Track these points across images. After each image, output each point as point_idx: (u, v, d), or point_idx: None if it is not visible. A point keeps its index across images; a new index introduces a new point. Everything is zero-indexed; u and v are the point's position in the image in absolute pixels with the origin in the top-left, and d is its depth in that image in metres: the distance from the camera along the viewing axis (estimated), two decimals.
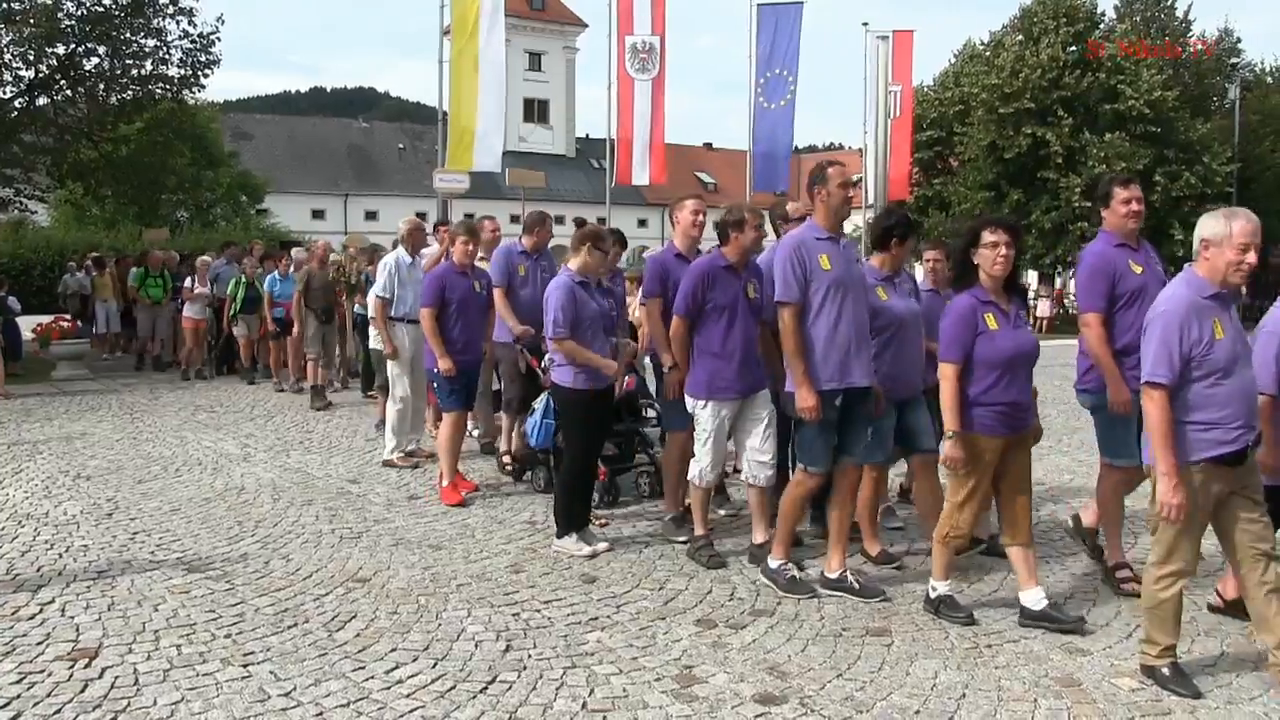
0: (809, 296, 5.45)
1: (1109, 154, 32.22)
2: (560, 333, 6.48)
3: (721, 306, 6.18)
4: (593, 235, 6.80)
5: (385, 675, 4.58)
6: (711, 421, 6.22)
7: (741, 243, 6.28)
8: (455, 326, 8.03)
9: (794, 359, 5.45)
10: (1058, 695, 4.38)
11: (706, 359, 6.22)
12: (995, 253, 5.12)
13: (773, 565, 5.73)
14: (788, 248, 5.51)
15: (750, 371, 6.25)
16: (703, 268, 6.28)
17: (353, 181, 61.87)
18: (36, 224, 36.28)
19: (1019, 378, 5.14)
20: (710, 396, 6.20)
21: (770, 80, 20.64)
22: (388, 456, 9.28)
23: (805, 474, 5.63)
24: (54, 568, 6.19)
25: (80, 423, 11.74)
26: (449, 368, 7.88)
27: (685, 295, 6.25)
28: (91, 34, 21.90)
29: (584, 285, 6.65)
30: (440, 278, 8.07)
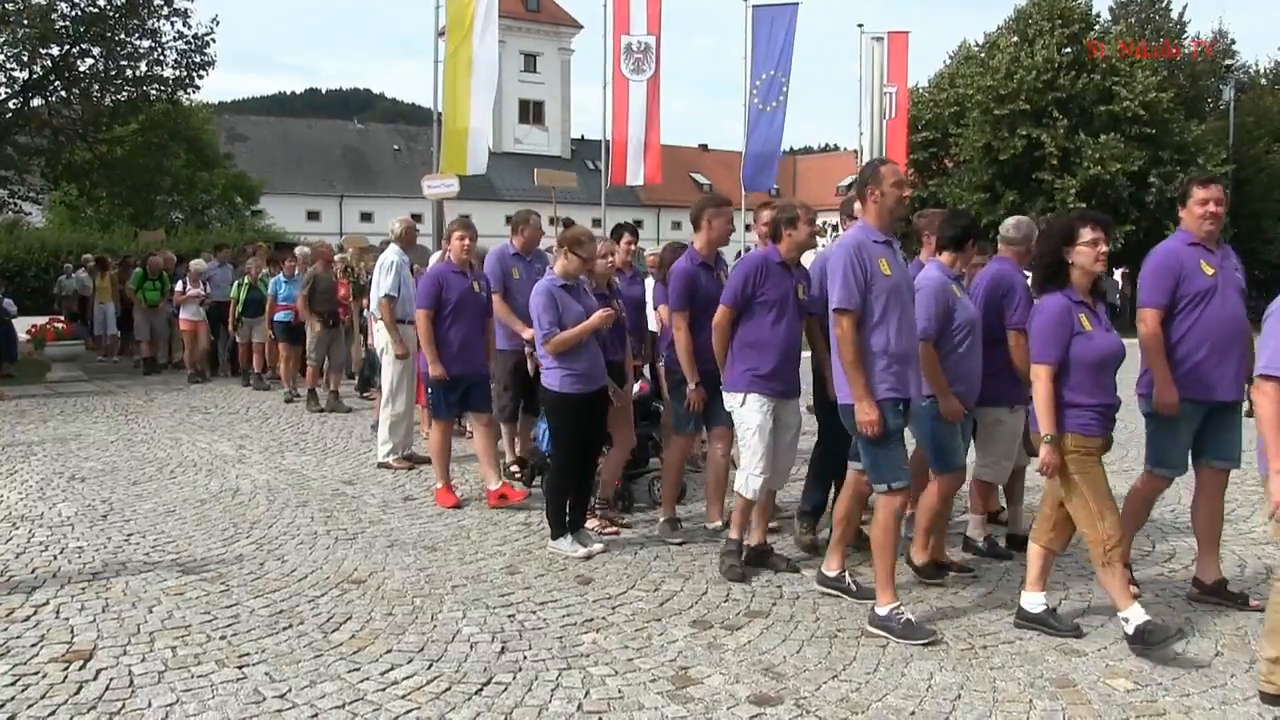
0: (868, 303, 5.14)
1: (1104, 155, 32.24)
2: (549, 333, 6.44)
3: (771, 302, 5.96)
4: (571, 240, 6.67)
5: (380, 677, 4.57)
6: (756, 416, 5.93)
7: (795, 239, 6.03)
8: (452, 330, 7.69)
9: (854, 370, 5.10)
10: (1053, 696, 4.39)
11: (749, 353, 5.98)
12: (1095, 250, 4.97)
13: (881, 613, 5.12)
14: (848, 250, 5.16)
15: (789, 373, 6.05)
16: (755, 261, 6.07)
17: (348, 183, 61.87)
18: (31, 225, 36.21)
19: (1111, 379, 5.02)
20: (750, 390, 5.95)
21: (765, 82, 20.64)
22: (383, 459, 9.23)
23: (890, 493, 5.18)
24: (48, 569, 6.17)
25: (75, 424, 11.72)
26: (440, 374, 7.63)
27: (735, 286, 6.02)
28: (86, 35, 21.84)
29: (567, 289, 6.57)
30: (437, 278, 7.76)
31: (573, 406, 6.54)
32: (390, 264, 9.35)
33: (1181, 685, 4.51)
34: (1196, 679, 4.58)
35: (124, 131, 24.15)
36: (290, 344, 13.84)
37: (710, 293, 6.54)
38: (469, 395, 7.84)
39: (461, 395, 7.81)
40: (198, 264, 16.35)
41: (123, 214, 30.00)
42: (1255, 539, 6.93)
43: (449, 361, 7.67)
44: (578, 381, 6.51)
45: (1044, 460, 4.90)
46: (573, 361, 6.50)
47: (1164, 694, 4.41)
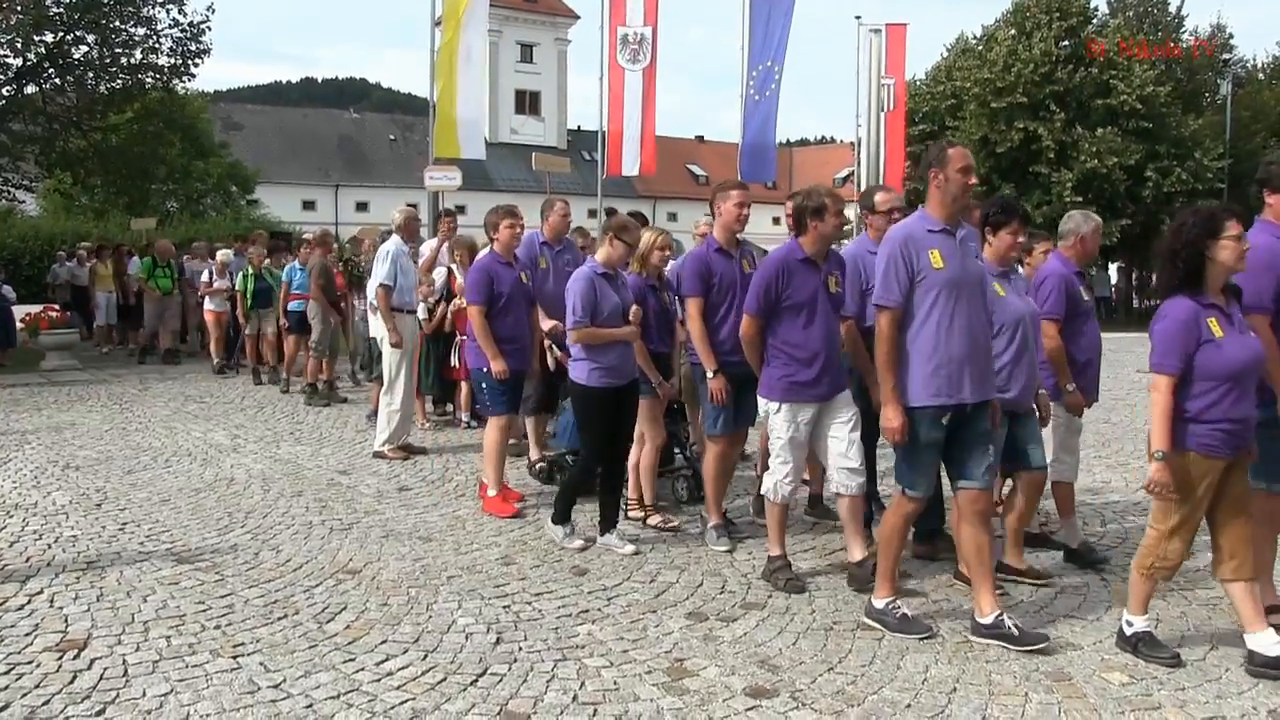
0: (915, 299, 4.79)
1: (1101, 149, 32.24)
2: (579, 321, 6.26)
3: (799, 304, 5.57)
4: (618, 226, 6.51)
5: (375, 667, 4.56)
6: (787, 428, 5.62)
7: (821, 232, 5.61)
8: (505, 323, 7.31)
9: (885, 371, 4.83)
10: (1049, 690, 4.38)
11: (782, 359, 5.63)
12: (1239, 246, 4.54)
13: (878, 605, 5.05)
14: (894, 242, 4.83)
15: (831, 374, 5.67)
16: (777, 261, 5.64)
17: (343, 172, 61.73)
18: (25, 213, 36.11)
19: (1247, 390, 4.53)
20: (785, 399, 5.60)
21: (762, 72, 20.60)
22: (379, 448, 9.20)
23: (904, 498, 5.02)
24: (42, 558, 6.16)
25: (69, 413, 11.70)
26: (502, 370, 7.18)
27: (757, 291, 5.64)
28: (80, 22, 21.79)
29: (606, 277, 6.40)
30: (487, 270, 7.31)
31: (598, 400, 6.38)
32: (386, 253, 9.30)
33: (1177, 679, 4.51)
34: (1191, 672, 4.58)
35: (119, 119, 24.09)
36: (301, 335, 13.27)
37: (728, 279, 6.37)
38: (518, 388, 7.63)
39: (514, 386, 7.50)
40: (225, 254, 15.87)
41: (117, 203, 29.89)
42: None
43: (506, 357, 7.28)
44: (605, 375, 6.34)
45: (1152, 479, 4.48)
46: (601, 354, 6.34)
47: (1159, 688, 4.42)
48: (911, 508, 5.05)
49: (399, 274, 9.24)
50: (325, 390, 12.67)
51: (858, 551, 5.65)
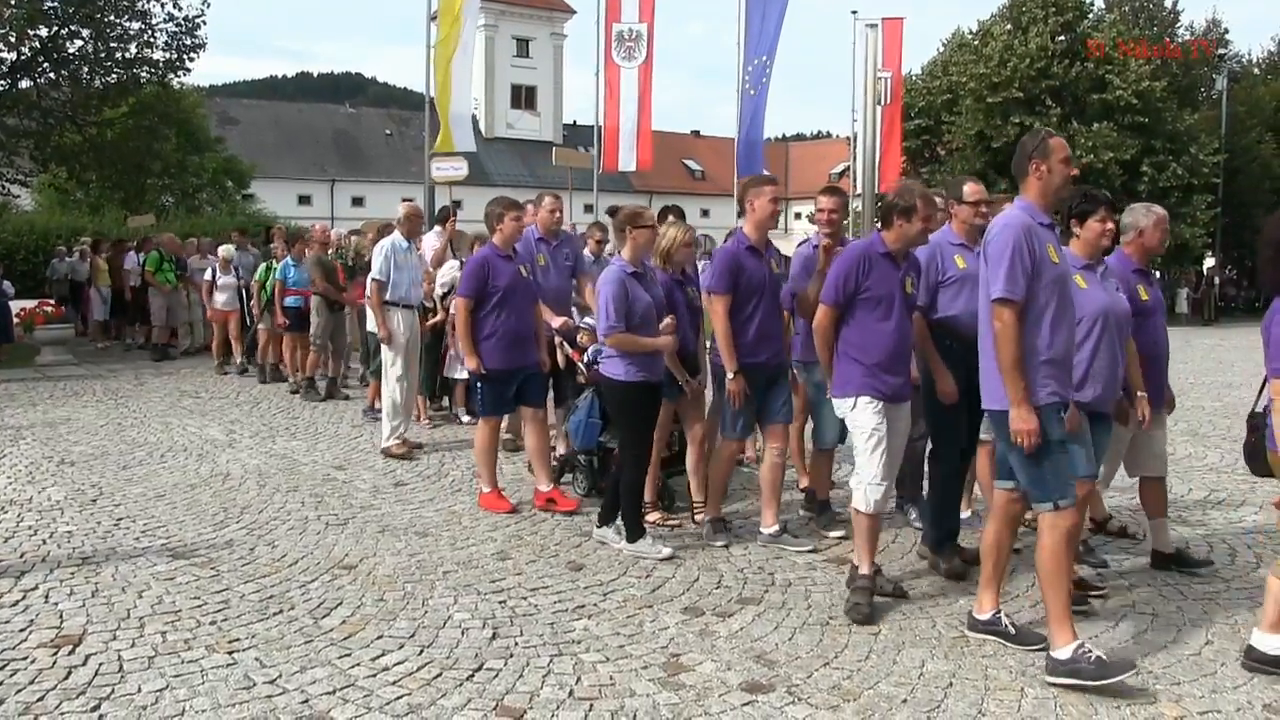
0: (1034, 294, 4.47)
1: (1097, 144, 32.28)
2: (614, 327, 6.10)
3: (877, 297, 5.35)
4: (631, 216, 6.36)
5: (371, 662, 4.56)
6: (872, 418, 5.31)
7: (906, 233, 5.37)
8: (502, 318, 7.11)
9: (1014, 371, 4.40)
10: (1044, 684, 4.38)
11: (855, 354, 5.38)
12: None
13: (1063, 656, 4.38)
14: (1017, 231, 4.46)
15: (901, 375, 5.45)
16: (858, 252, 5.42)
17: (339, 167, 61.62)
18: (20, 208, 36.03)
19: None
20: (861, 391, 5.34)
21: (756, 67, 20.61)
22: (385, 444, 9.12)
23: (1056, 513, 4.47)
24: (38, 554, 6.15)
25: (64, 408, 11.68)
26: (475, 367, 7.15)
27: (836, 281, 5.39)
28: (75, 16, 21.76)
29: (636, 276, 6.26)
30: (483, 263, 7.14)
31: (638, 395, 6.23)
32: (382, 249, 9.30)
33: (1172, 673, 4.52)
34: (1187, 667, 4.59)
35: (114, 114, 24.07)
36: (299, 331, 13.00)
37: (756, 278, 6.23)
38: (523, 389, 7.31)
39: (516, 390, 7.28)
40: (227, 249, 15.36)
41: (113, 197, 29.86)
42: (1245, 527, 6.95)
43: (499, 354, 7.12)
44: (641, 370, 6.19)
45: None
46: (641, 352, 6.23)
47: (1154, 682, 4.42)
48: (1069, 522, 4.52)
49: (393, 270, 9.18)
50: (326, 386, 12.54)
51: (867, 565, 5.33)
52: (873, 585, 5.30)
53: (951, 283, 5.78)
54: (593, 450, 7.51)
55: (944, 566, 5.83)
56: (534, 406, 7.33)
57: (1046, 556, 4.51)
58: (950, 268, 5.82)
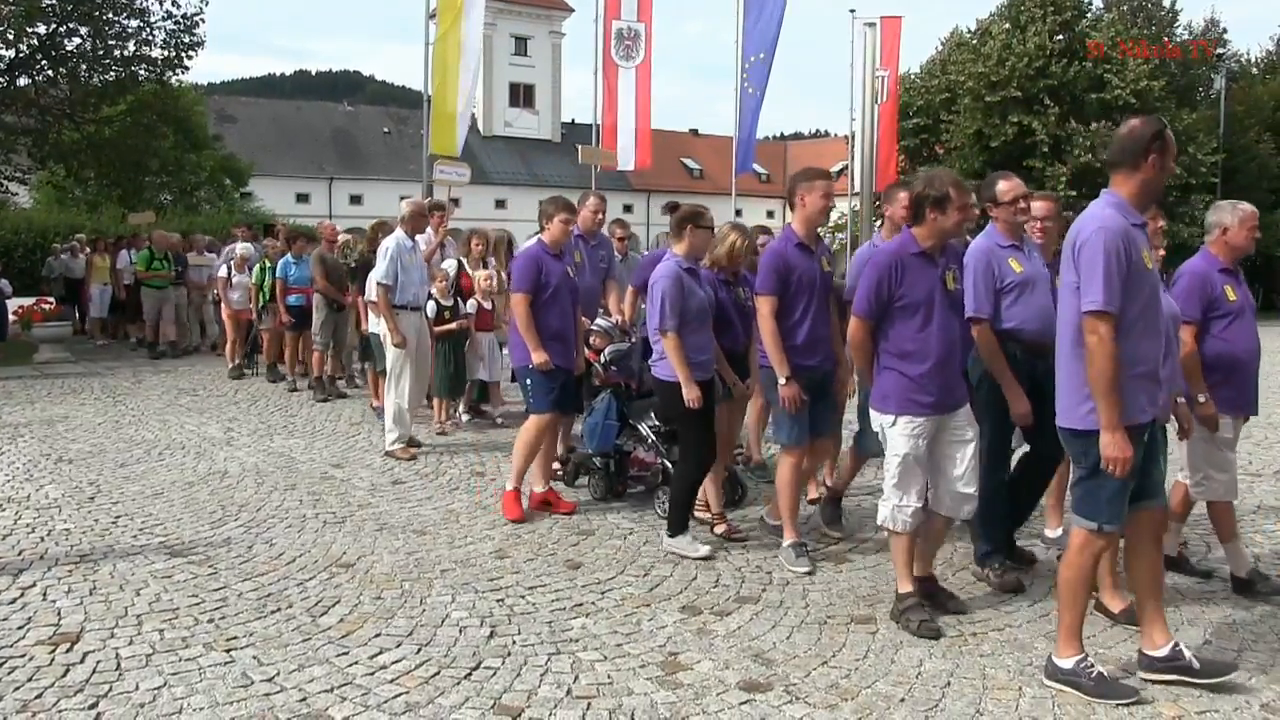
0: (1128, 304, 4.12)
1: (1095, 143, 32.25)
2: (668, 325, 5.97)
3: (914, 303, 4.99)
4: (692, 215, 6.21)
5: (369, 661, 4.56)
6: (905, 442, 5.03)
7: (941, 226, 5.02)
8: (551, 316, 6.99)
9: (1111, 393, 4.05)
10: (1042, 684, 4.38)
11: (897, 365, 5.05)
12: None
13: (1065, 665, 4.34)
14: (1112, 235, 4.09)
15: (951, 381, 5.10)
16: (889, 257, 5.04)
17: (337, 165, 61.59)
18: (18, 206, 36.02)
19: None
20: (902, 410, 5.03)
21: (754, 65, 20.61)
22: (389, 448, 8.99)
23: (1097, 535, 4.27)
24: (35, 551, 6.14)
25: (62, 406, 11.67)
26: (545, 361, 6.88)
27: (868, 292, 5.04)
28: (73, 13, 21.74)
29: (691, 273, 6.16)
30: (535, 259, 7.01)
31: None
32: (386, 250, 9.06)
33: None
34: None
35: (112, 112, 24.04)
36: (302, 330, 12.95)
37: (807, 276, 5.92)
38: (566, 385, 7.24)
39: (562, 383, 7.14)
40: (245, 248, 14.86)
41: (111, 195, 29.83)
42: None
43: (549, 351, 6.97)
44: (697, 370, 6.08)
45: None
46: (696, 351, 6.12)
47: (1153, 682, 4.42)
48: (1103, 545, 4.35)
49: (400, 271, 8.98)
50: (327, 384, 12.45)
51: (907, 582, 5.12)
52: (918, 602, 5.06)
53: (1011, 289, 5.46)
54: (609, 453, 7.43)
55: (994, 580, 5.59)
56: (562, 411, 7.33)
57: (1073, 574, 4.35)
58: (1007, 273, 5.47)
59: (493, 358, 10.46)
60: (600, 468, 7.55)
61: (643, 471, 7.59)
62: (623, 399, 7.46)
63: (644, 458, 7.54)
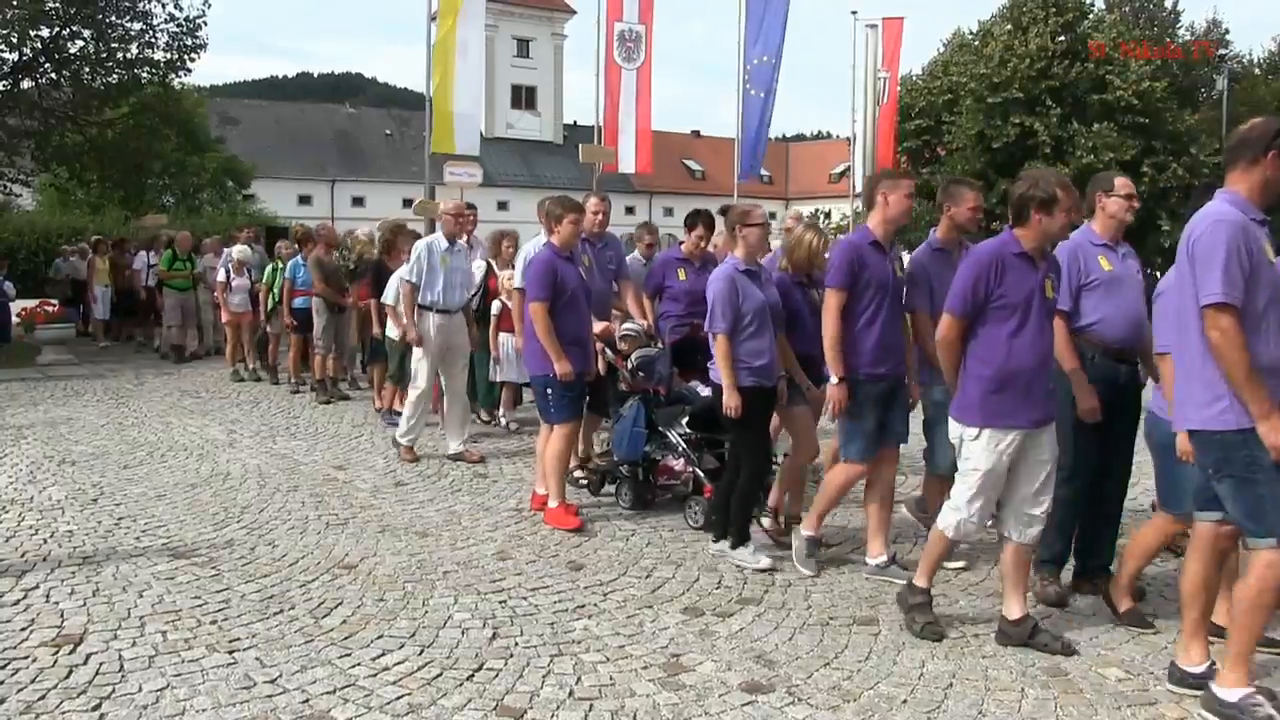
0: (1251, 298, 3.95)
1: (1097, 144, 32.32)
2: (718, 326, 5.80)
3: (1012, 305, 4.68)
4: (742, 215, 6.00)
5: (372, 662, 4.56)
6: (987, 457, 4.73)
7: (1045, 228, 4.70)
8: (568, 322, 6.84)
9: (1250, 382, 3.86)
10: (1044, 685, 4.39)
11: (985, 374, 4.74)
12: None
13: (1228, 698, 4.00)
14: (1230, 227, 3.96)
15: (1043, 395, 4.79)
16: (989, 254, 4.74)
17: (340, 167, 61.67)
18: (21, 208, 36.06)
19: None
20: (987, 423, 4.72)
21: (757, 67, 20.63)
22: (399, 439, 8.93)
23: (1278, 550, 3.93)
24: (38, 553, 6.15)
25: (65, 408, 11.68)
26: (567, 371, 6.71)
27: (964, 289, 4.73)
28: (76, 16, 21.78)
29: (750, 275, 5.92)
30: (550, 264, 6.81)
31: (751, 401, 5.85)
32: (416, 248, 8.90)
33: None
34: None
35: (115, 114, 24.09)
36: (306, 333, 12.70)
37: (879, 276, 5.62)
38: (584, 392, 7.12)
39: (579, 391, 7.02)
40: (242, 251, 14.62)
41: (113, 197, 29.89)
42: None
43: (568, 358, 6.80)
44: (754, 375, 5.85)
45: None
46: (753, 356, 5.87)
47: (1155, 683, 4.42)
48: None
49: (425, 272, 8.69)
50: (329, 386, 12.37)
51: (1016, 608, 4.86)
52: (928, 600, 4.98)
53: (1095, 286, 5.24)
54: (637, 461, 7.24)
55: (1037, 589, 5.39)
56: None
57: (1253, 594, 3.99)
58: (1094, 269, 5.26)
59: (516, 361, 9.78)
60: (628, 476, 7.33)
61: (672, 480, 7.31)
62: (651, 405, 7.27)
63: (674, 466, 7.27)
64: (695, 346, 7.29)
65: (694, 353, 7.34)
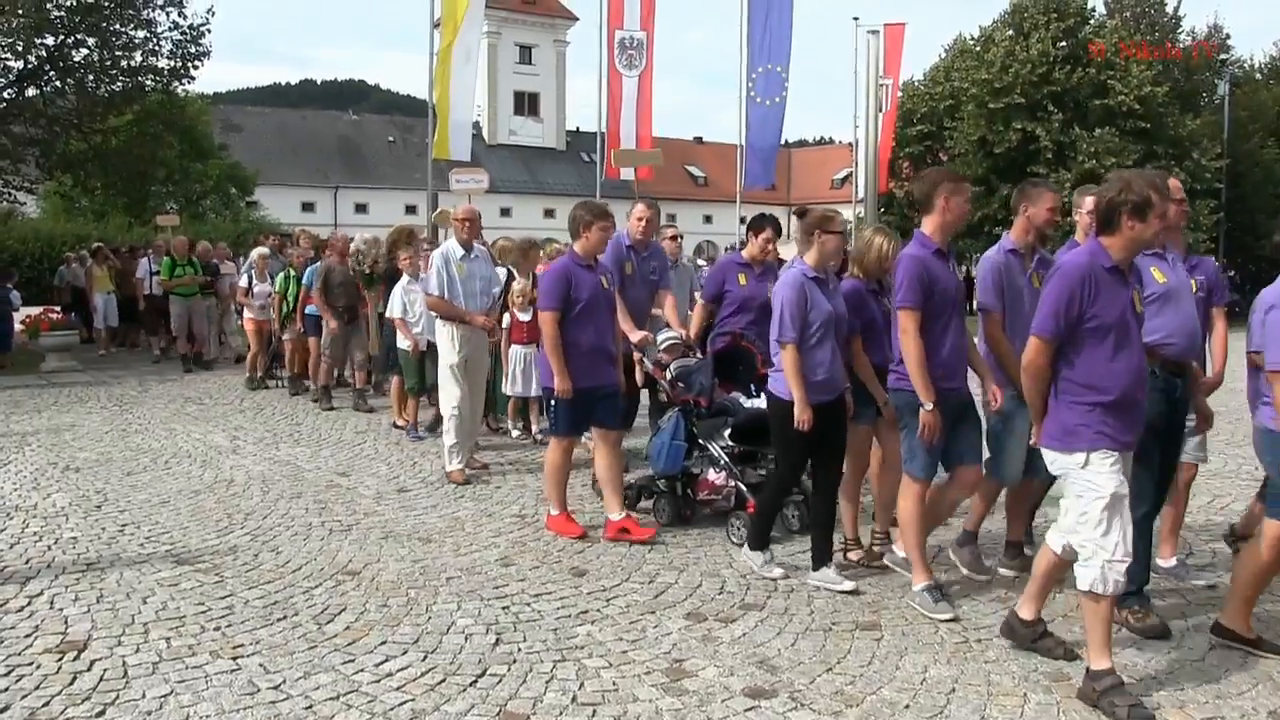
0: None
1: (1099, 149, 32.28)
2: (787, 336, 5.51)
3: (1105, 326, 4.27)
4: (822, 220, 5.71)
5: (375, 668, 4.57)
6: (1110, 479, 4.25)
7: (1139, 236, 4.30)
8: (584, 332, 6.59)
9: None
10: (1047, 690, 4.39)
11: (1082, 397, 4.34)
12: None
13: None
14: None
15: (1138, 416, 4.42)
16: (1080, 270, 4.30)
17: (343, 174, 61.72)
18: (25, 216, 36.13)
19: None
20: (1094, 446, 4.29)
21: (763, 75, 20.65)
22: (450, 469, 8.37)
23: None
24: (42, 560, 6.16)
25: (69, 415, 11.70)
26: (566, 389, 6.52)
27: (1057, 307, 4.30)
28: (81, 25, 21.88)
29: (818, 282, 5.63)
30: (565, 273, 6.60)
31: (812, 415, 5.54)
32: (433, 260, 8.58)
33: (1176, 679, 4.52)
34: (1191, 673, 4.59)
35: (119, 122, 24.18)
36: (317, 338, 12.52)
37: (949, 288, 5.33)
38: (596, 409, 6.78)
39: (588, 409, 6.76)
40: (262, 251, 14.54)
41: (117, 204, 29.97)
42: None
43: (577, 371, 6.58)
44: (815, 391, 5.55)
45: None
46: (815, 369, 5.58)
47: (1159, 688, 4.42)
48: None
49: (446, 283, 8.36)
50: (353, 398, 12.08)
51: (1031, 610, 4.71)
52: (1120, 681, 4.24)
53: (1151, 300, 4.95)
54: (675, 476, 7.00)
55: (1134, 624, 5.03)
56: (607, 428, 6.83)
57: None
58: (1150, 281, 5.00)
59: (528, 373, 9.74)
60: (666, 491, 7.10)
61: (714, 495, 6.96)
62: (691, 418, 7.00)
63: (715, 480, 6.94)
64: (737, 357, 7.12)
65: (735, 364, 7.14)
